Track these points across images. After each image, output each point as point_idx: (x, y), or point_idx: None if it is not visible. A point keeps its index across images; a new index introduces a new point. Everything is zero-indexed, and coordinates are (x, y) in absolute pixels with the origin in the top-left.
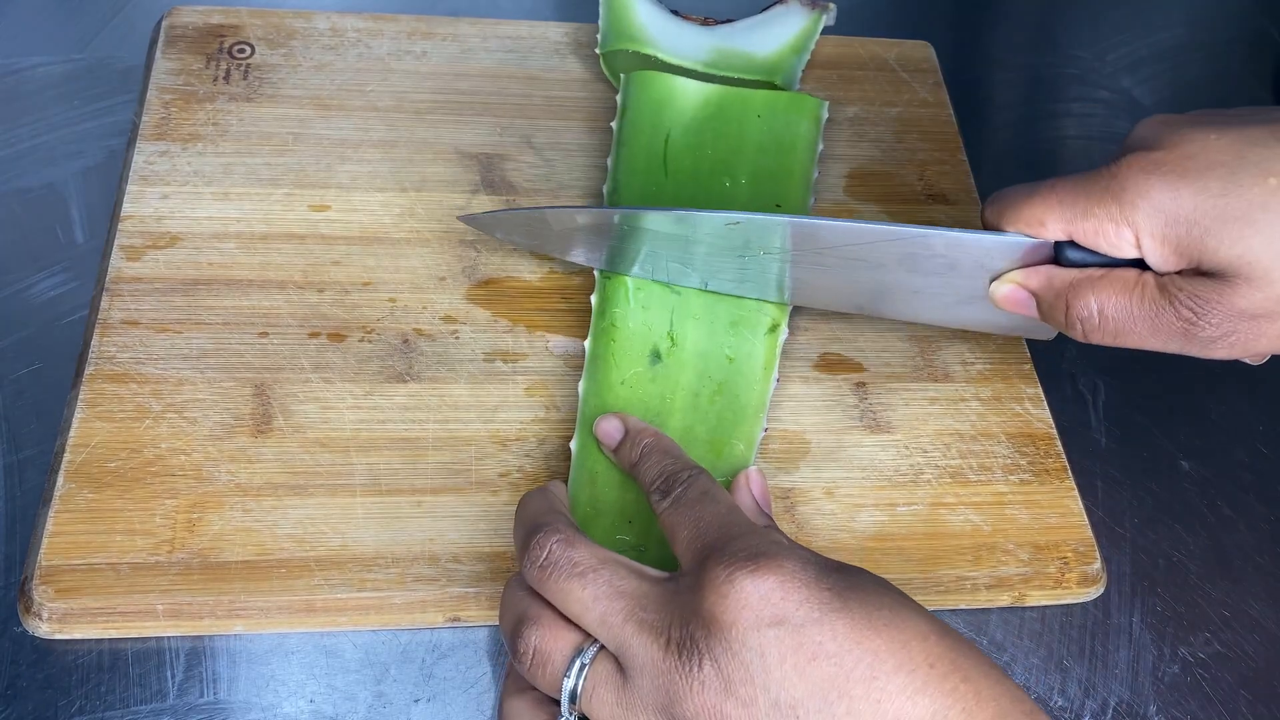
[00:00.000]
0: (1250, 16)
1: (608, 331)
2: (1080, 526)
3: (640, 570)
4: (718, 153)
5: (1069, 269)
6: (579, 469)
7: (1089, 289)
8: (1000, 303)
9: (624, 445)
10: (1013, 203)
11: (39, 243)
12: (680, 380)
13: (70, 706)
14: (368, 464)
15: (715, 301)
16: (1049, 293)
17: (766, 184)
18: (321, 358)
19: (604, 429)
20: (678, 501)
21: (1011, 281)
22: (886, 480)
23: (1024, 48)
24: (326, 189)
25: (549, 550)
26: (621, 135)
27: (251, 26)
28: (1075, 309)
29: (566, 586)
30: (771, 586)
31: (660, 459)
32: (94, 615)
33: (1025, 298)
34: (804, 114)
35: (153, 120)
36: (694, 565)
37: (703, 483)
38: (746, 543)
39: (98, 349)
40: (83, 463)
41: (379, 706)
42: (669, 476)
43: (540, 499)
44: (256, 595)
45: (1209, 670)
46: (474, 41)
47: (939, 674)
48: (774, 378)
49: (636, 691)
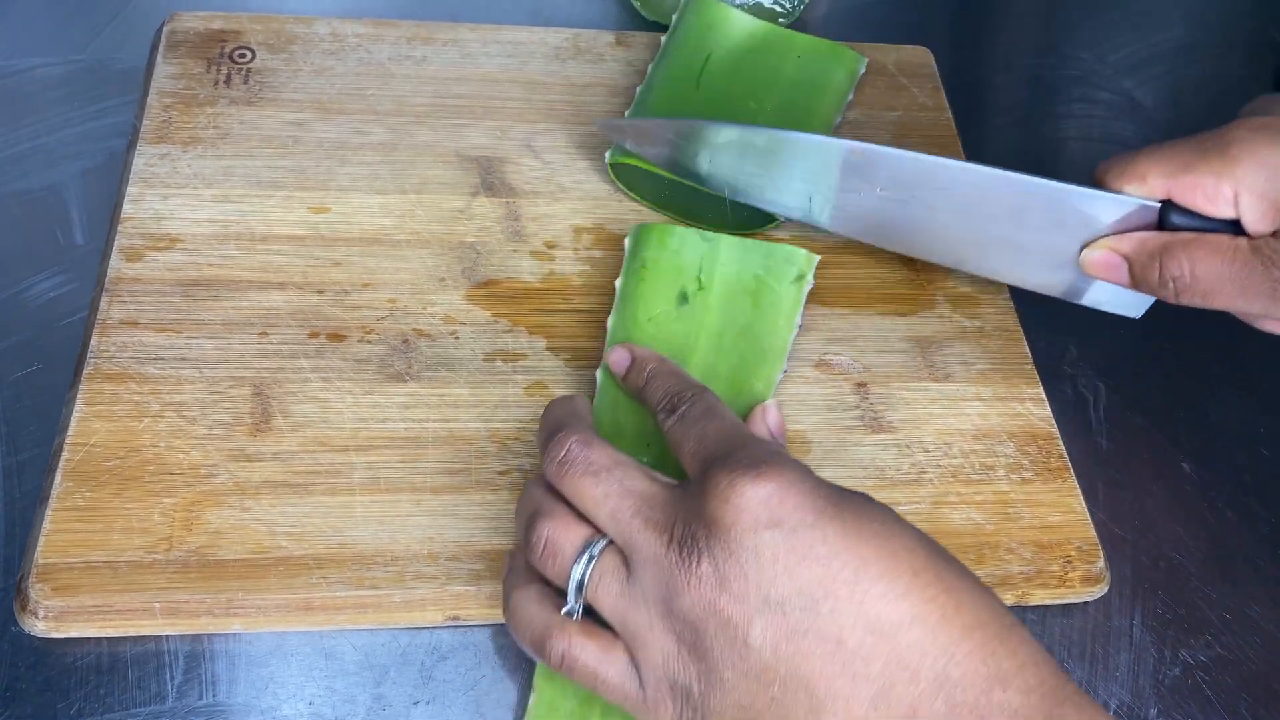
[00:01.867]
0: (1250, 17)
1: (638, 272)
2: (1083, 525)
3: (651, 474)
4: (752, 80)
5: (1162, 233)
6: (602, 395)
7: (1182, 250)
8: (1091, 267)
9: (632, 371)
10: (1119, 160)
11: (39, 244)
12: (705, 321)
13: (69, 709)
14: (367, 463)
15: (745, 250)
16: (1142, 254)
17: (789, 115)
18: (321, 358)
19: (613, 358)
20: (683, 418)
21: (1104, 247)
22: (888, 479)
23: (1024, 50)
24: (327, 191)
25: (568, 448)
26: (667, 47)
27: (252, 32)
28: (1168, 268)
29: (581, 483)
30: (770, 491)
31: (665, 380)
32: (91, 613)
33: (1118, 262)
34: (842, 64)
35: (153, 123)
36: (699, 474)
37: (707, 399)
38: (749, 452)
39: (97, 349)
40: (81, 461)
41: (378, 709)
42: (674, 395)
43: (565, 404)
44: (254, 594)
45: (1210, 673)
46: (474, 46)
47: (921, 583)
48: (796, 323)
49: (639, 583)
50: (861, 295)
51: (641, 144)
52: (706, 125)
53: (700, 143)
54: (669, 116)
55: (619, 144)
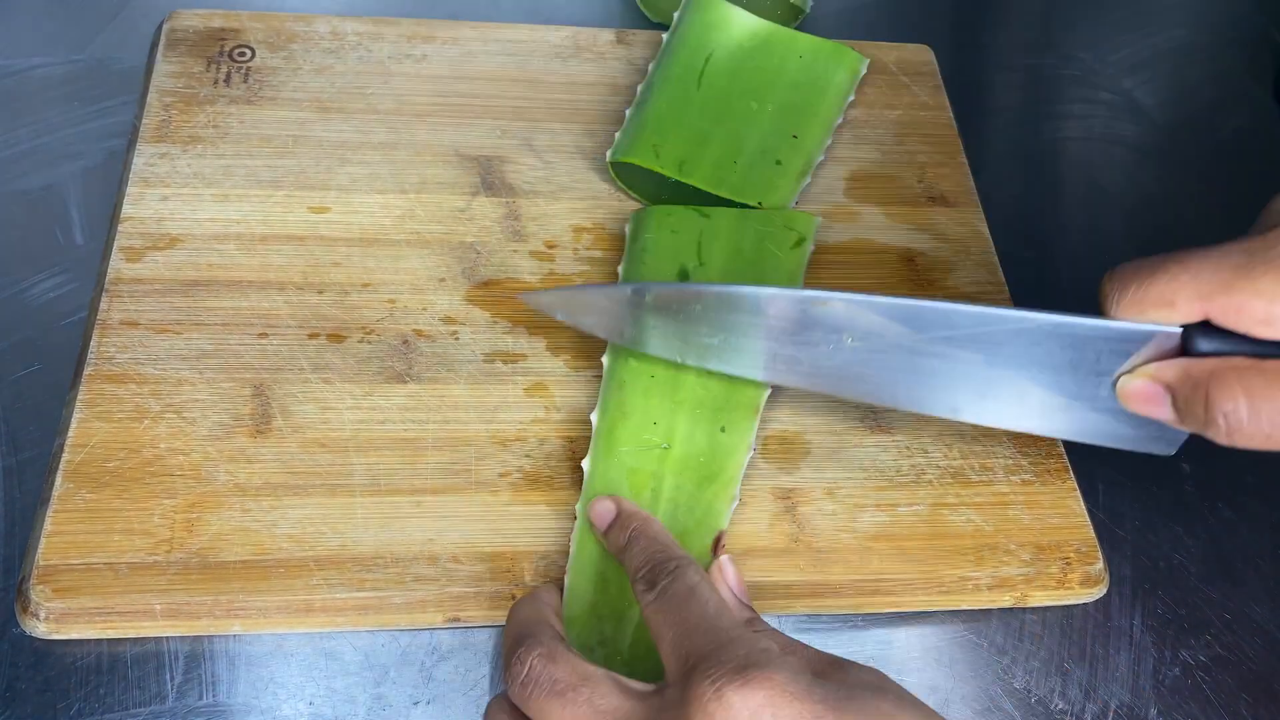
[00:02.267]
0: (1250, 17)
1: (639, 255)
2: (1082, 527)
3: (624, 685)
4: (752, 80)
5: (1208, 359)
6: (610, 378)
7: (1235, 379)
8: (1130, 399)
9: (614, 528)
10: (1134, 281)
11: (38, 244)
12: None
13: (69, 709)
14: (367, 464)
15: (741, 221)
16: (1186, 385)
17: (790, 116)
18: (321, 358)
19: (597, 510)
20: (662, 595)
21: (1145, 375)
22: (888, 480)
23: (1024, 49)
24: (326, 191)
25: (529, 666)
26: (668, 46)
27: (252, 30)
28: (1219, 402)
29: (547, 706)
30: (761, 702)
31: (647, 545)
32: (92, 615)
33: (1160, 393)
34: (843, 65)
35: (153, 122)
36: (679, 676)
37: (689, 577)
38: (734, 652)
39: (97, 350)
40: (81, 462)
41: (378, 709)
42: (655, 565)
43: (529, 608)
44: (255, 595)
45: (1210, 673)
46: (474, 45)
47: None
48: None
49: None
50: None
51: (574, 315)
52: (643, 288)
53: (639, 308)
54: (597, 285)
55: (618, 144)
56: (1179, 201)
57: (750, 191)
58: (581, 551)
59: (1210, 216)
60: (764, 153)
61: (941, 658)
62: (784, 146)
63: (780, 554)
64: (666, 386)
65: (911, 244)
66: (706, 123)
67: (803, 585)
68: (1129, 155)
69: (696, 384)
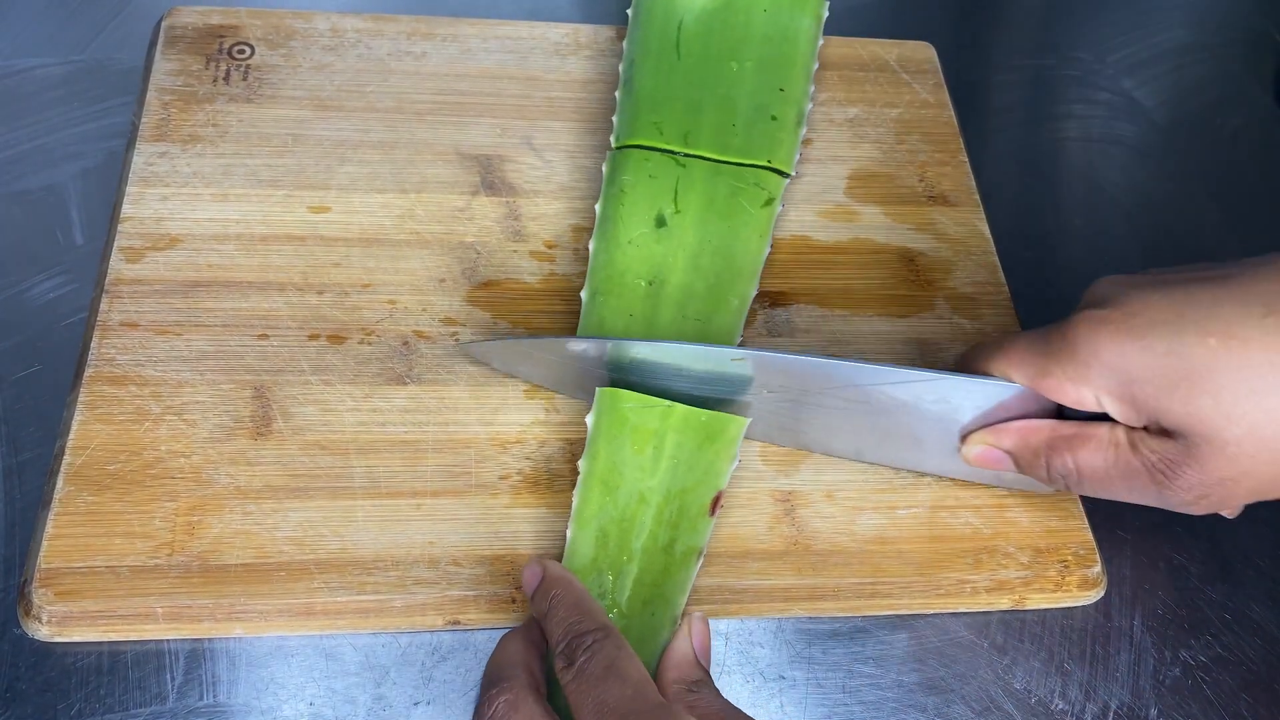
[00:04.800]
0: (1250, 17)
1: (617, 196)
2: (1080, 529)
3: None
4: (726, 40)
5: (1042, 423)
6: (588, 317)
7: (1065, 447)
8: (974, 463)
9: (536, 595)
10: (981, 359)
11: (38, 244)
12: (683, 241)
13: (69, 710)
14: (367, 466)
15: (716, 174)
16: (1026, 451)
17: (771, 70)
18: (321, 360)
19: (525, 575)
20: (580, 673)
21: (982, 442)
22: (886, 483)
23: (1025, 49)
24: (326, 190)
25: (495, 709)
26: (637, 20)
27: (251, 27)
28: (1054, 466)
29: None
30: None
31: (566, 614)
32: (94, 618)
33: (999, 456)
34: (806, 10)
35: (152, 121)
36: None
37: (607, 652)
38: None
39: (97, 351)
40: (82, 465)
41: (379, 710)
42: (574, 638)
43: (514, 647)
44: (256, 598)
45: (1210, 673)
46: (474, 42)
47: None
48: (768, 244)
49: None
50: (861, 296)
51: (510, 365)
52: (572, 342)
53: (573, 358)
54: (537, 336)
55: (619, 129)
56: (1179, 201)
57: (756, 151)
58: (584, 508)
59: (1210, 216)
60: (758, 110)
61: (941, 658)
62: (774, 101)
63: (779, 556)
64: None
65: (912, 244)
66: (696, 91)
67: (801, 588)
68: (1129, 155)
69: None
